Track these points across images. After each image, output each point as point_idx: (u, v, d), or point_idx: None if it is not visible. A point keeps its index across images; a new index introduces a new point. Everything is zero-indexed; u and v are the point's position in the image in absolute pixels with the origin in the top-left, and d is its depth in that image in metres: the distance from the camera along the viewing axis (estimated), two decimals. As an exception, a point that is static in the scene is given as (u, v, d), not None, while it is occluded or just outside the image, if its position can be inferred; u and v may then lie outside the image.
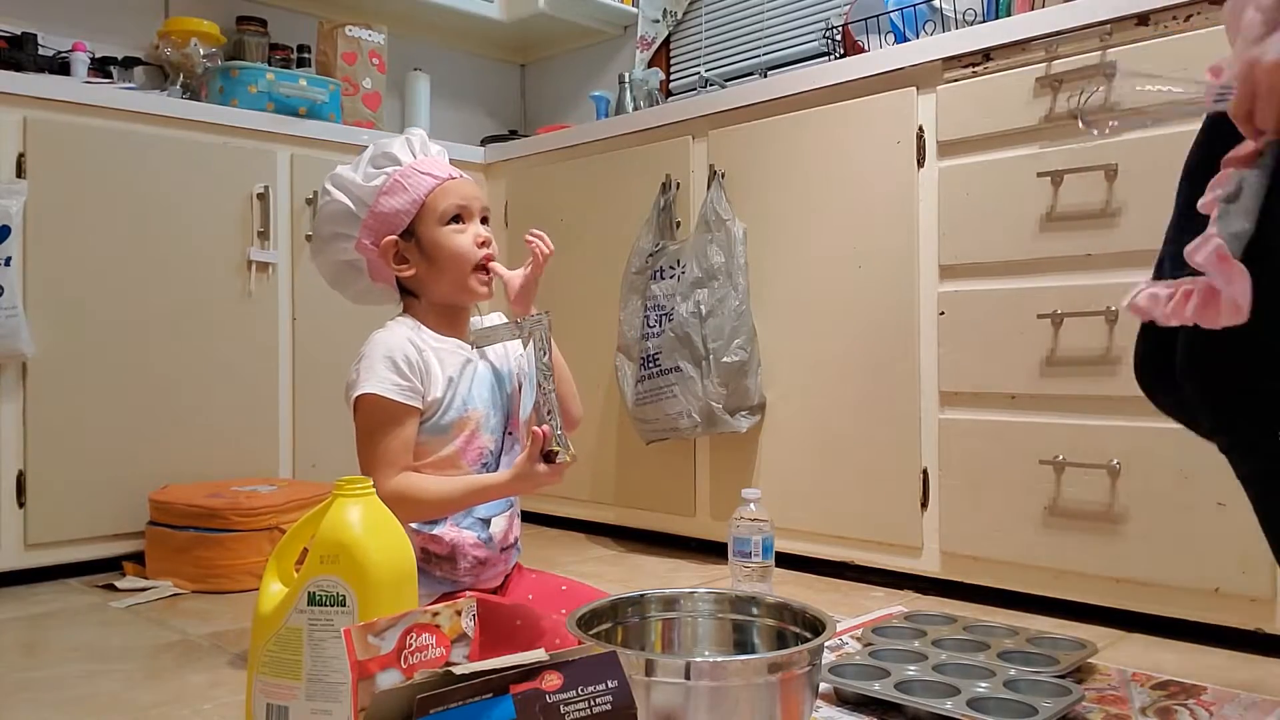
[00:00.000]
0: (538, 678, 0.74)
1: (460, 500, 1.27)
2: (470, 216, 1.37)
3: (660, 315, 2.13)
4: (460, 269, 1.34)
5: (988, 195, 1.72)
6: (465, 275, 1.35)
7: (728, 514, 1.73)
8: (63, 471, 1.97)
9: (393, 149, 1.37)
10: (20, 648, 1.57)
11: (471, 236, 1.35)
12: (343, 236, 1.38)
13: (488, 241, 1.37)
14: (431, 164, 1.38)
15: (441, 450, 1.30)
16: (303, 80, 2.40)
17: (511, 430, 1.38)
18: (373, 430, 1.27)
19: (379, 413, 1.27)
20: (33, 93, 1.96)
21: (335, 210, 1.36)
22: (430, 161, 1.39)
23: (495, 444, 1.35)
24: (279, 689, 0.98)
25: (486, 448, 1.34)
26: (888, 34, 2.07)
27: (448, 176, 1.37)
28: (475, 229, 1.36)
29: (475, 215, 1.38)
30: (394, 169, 1.35)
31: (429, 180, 1.35)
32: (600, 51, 3.24)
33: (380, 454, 1.26)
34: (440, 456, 1.30)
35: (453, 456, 1.31)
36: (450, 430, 1.31)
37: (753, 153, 2.09)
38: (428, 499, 1.18)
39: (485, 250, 1.35)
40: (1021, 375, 1.67)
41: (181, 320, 2.14)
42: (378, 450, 1.26)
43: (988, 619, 1.56)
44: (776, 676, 0.94)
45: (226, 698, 1.31)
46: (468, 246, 1.34)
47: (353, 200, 1.35)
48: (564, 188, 2.52)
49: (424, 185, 1.35)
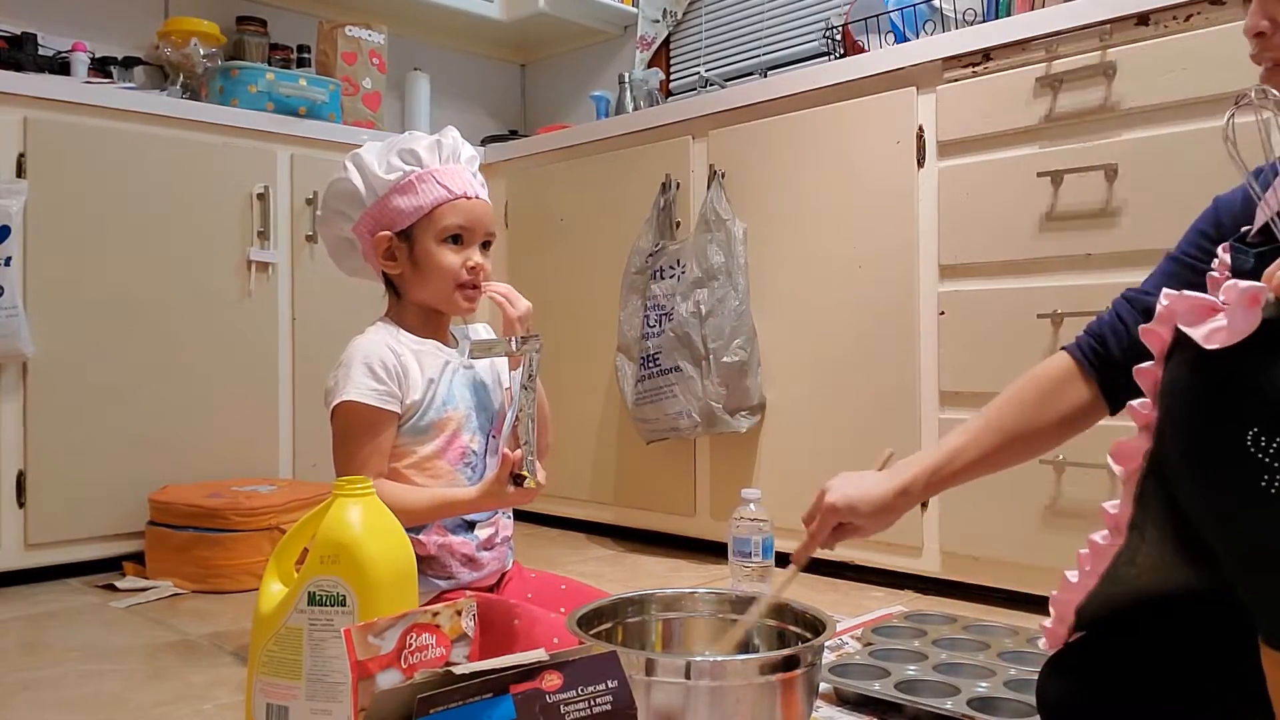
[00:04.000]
0: (538, 678, 0.74)
1: (426, 513, 1.27)
2: (471, 239, 1.35)
3: (660, 315, 2.13)
4: (443, 285, 1.35)
5: (988, 195, 1.72)
6: (448, 292, 1.35)
7: (728, 514, 1.73)
8: (63, 471, 1.97)
9: (420, 148, 1.34)
10: (20, 648, 1.57)
11: (463, 259, 1.34)
12: (345, 216, 1.38)
13: (478, 269, 1.35)
14: (452, 175, 1.35)
15: (421, 450, 1.31)
16: (303, 80, 2.40)
17: (495, 434, 1.38)
18: (347, 437, 1.28)
19: (355, 419, 1.28)
20: (33, 93, 1.96)
21: (346, 189, 1.36)
22: (451, 172, 1.35)
23: (480, 444, 1.36)
24: (279, 689, 0.99)
25: (469, 448, 1.34)
26: (888, 34, 2.07)
27: (461, 194, 1.34)
28: (471, 253, 1.35)
29: (477, 239, 1.36)
30: (414, 170, 1.34)
31: (441, 193, 1.33)
32: (600, 51, 3.24)
33: (354, 461, 1.27)
34: (420, 456, 1.31)
35: (432, 456, 1.31)
36: (430, 430, 1.31)
37: (753, 153, 2.09)
38: (396, 508, 1.19)
39: (470, 277, 1.34)
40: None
41: (181, 320, 2.14)
42: (352, 457, 1.27)
43: (988, 619, 1.56)
44: (776, 676, 0.94)
45: (226, 698, 1.31)
46: (455, 268, 1.33)
47: (365, 186, 1.35)
48: (564, 188, 2.52)
49: (434, 195, 1.33)
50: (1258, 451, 0.63)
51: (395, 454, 1.31)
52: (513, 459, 1.19)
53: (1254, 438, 0.62)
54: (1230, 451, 0.64)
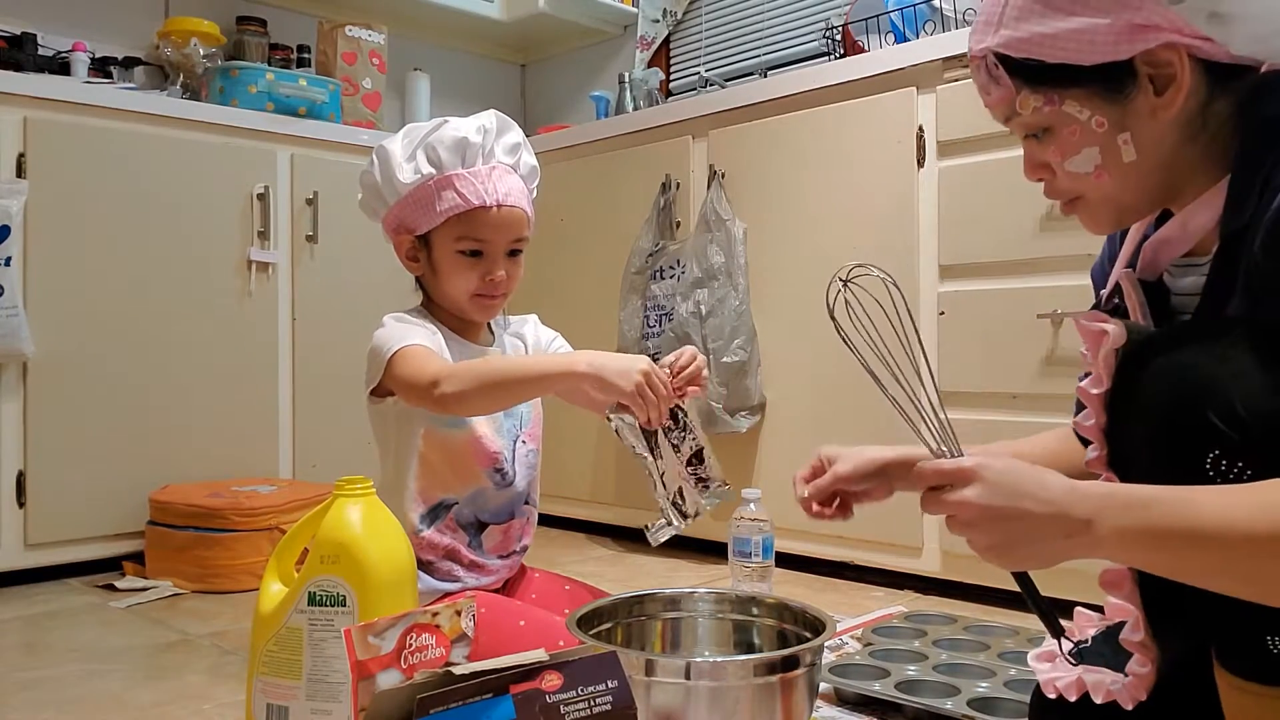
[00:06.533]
0: (538, 678, 0.74)
1: (524, 371, 1.22)
2: (492, 250, 1.29)
3: (660, 315, 2.13)
4: (459, 295, 1.31)
5: (988, 195, 1.72)
6: (463, 301, 1.31)
7: (728, 514, 1.73)
8: (63, 471, 1.97)
9: (442, 149, 1.27)
10: (20, 648, 1.57)
11: (481, 272, 1.29)
12: (373, 209, 1.36)
13: (495, 282, 1.30)
14: (473, 182, 1.27)
15: (451, 445, 1.29)
16: (303, 80, 2.40)
17: (524, 439, 1.37)
18: (413, 363, 1.21)
19: (418, 353, 1.22)
20: (33, 93, 1.96)
21: (369, 183, 1.33)
22: (473, 178, 1.27)
23: (508, 448, 1.34)
24: (279, 689, 0.99)
25: (499, 453, 1.32)
26: (888, 34, 2.07)
27: (479, 204, 1.27)
28: (491, 264, 1.29)
29: (499, 249, 1.30)
30: (432, 174, 1.28)
31: (458, 203, 1.26)
32: (600, 51, 3.24)
33: (430, 366, 1.21)
34: (450, 449, 1.29)
35: (462, 452, 1.30)
36: (461, 423, 1.29)
37: (753, 153, 2.09)
38: (485, 366, 1.16)
39: (486, 288, 1.30)
40: (1022, 375, 1.67)
41: (182, 320, 2.14)
42: (427, 365, 1.20)
43: (988, 619, 1.56)
44: (776, 676, 0.94)
45: (226, 698, 1.31)
46: (466, 281, 1.29)
47: (384, 185, 1.31)
48: (564, 188, 2.52)
49: (450, 205, 1.27)
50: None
51: (427, 440, 1.28)
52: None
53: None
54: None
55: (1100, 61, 0.76)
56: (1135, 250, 0.87)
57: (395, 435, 1.30)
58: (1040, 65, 0.78)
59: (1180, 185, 0.80)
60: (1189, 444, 0.69)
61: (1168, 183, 0.80)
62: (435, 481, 1.29)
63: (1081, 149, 0.79)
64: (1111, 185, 0.80)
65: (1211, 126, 0.77)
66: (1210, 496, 0.66)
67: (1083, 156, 0.80)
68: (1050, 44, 0.77)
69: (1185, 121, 0.77)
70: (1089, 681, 0.81)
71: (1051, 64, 0.77)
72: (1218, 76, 0.76)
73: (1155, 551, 0.68)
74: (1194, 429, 0.68)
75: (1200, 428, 0.68)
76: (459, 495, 1.31)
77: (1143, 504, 0.67)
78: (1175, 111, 0.76)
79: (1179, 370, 0.71)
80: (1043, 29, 0.77)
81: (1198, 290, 0.78)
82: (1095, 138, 0.78)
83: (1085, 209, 0.84)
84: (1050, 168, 0.83)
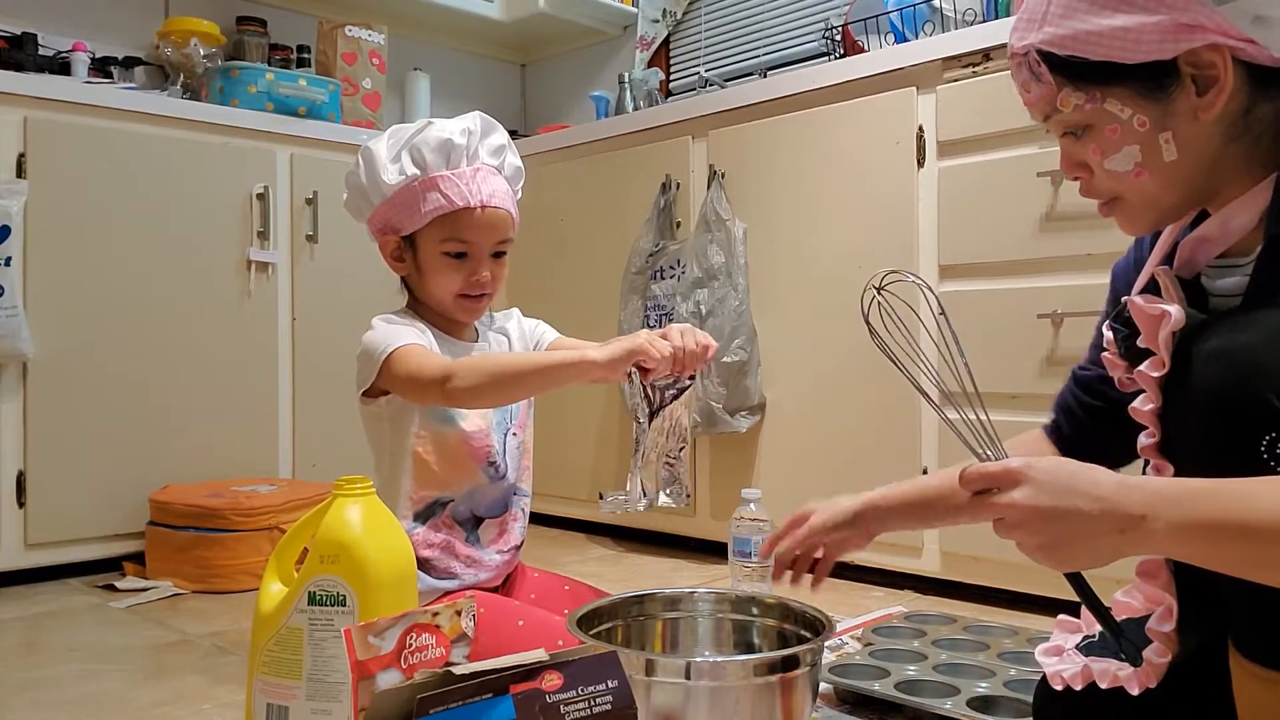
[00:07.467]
0: (538, 678, 0.74)
1: (536, 365, 1.22)
2: (477, 251, 1.30)
3: (660, 315, 2.13)
4: (444, 295, 1.32)
5: (988, 195, 1.72)
6: (448, 302, 1.32)
7: (728, 514, 1.72)
8: (63, 471, 1.97)
9: (427, 151, 1.27)
10: (20, 648, 1.57)
11: (466, 273, 1.30)
12: (357, 209, 1.36)
13: (480, 283, 1.31)
14: (457, 184, 1.27)
15: (445, 442, 1.29)
16: (302, 80, 2.40)
17: (514, 432, 1.37)
18: (414, 360, 1.21)
19: (417, 350, 1.23)
20: (33, 93, 1.96)
21: (355, 184, 1.34)
22: (457, 179, 1.28)
23: (499, 442, 1.35)
24: (279, 689, 0.98)
25: (491, 446, 1.33)
26: (888, 34, 2.07)
27: (463, 206, 1.27)
28: (476, 265, 1.30)
29: (484, 250, 1.30)
30: (416, 176, 1.28)
31: (443, 204, 1.27)
32: (600, 51, 3.24)
33: (435, 361, 1.22)
34: (445, 446, 1.29)
35: (456, 449, 1.30)
36: (453, 420, 1.29)
37: (753, 153, 2.09)
38: (494, 361, 1.16)
39: (471, 289, 1.31)
40: (1022, 375, 1.67)
41: (181, 320, 2.14)
42: (430, 361, 1.21)
43: (988, 619, 1.56)
44: (776, 676, 0.94)
45: (226, 698, 1.31)
46: (454, 282, 1.30)
47: (369, 186, 1.31)
48: (564, 188, 2.52)
49: (435, 206, 1.27)
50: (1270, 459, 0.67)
51: (420, 437, 1.28)
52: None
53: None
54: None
55: (1144, 60, 0.75)
56: (1168, 250, 0.86)
57: (389, 435, 1.30)
58: (1083, 63, 0.77)
59: (1219, 186, 0.80)
60: (1244, 426, 0.68)
61: (1207, 183, 0.80)
62: (430, 480, 1.30)
63: (1122, 147, 0.79)
64: (1152, 184, 0.80)
65: (1255, 129, 0.77)
66: (1264, 488, 0.65)
67: (1123, 155, 0.79)
68: (1095, 41, 0.76)
69: (1227, 123, 0.77)
70: (1095, 670, 0.81)
71: (1095, 61, 0.77)
72: (1260, 80, 0.76)
73: (1208, 545, 0.67)
74: (1250, 411, 0.68)
75: (1257, 409, 0.67)
76: (455, 493, 1.31)
77: (1195, 497, 0.66)
78: (1217, 113, 0.76)
79: (1236, 352, 0.70)
80: (1087, 26, 0.76)
81: (1238, 290, 0.78)
82: (1136, 136, 0.78)
83: (1123, 210, 0.84)
84: (1088, 166, 0.83)
